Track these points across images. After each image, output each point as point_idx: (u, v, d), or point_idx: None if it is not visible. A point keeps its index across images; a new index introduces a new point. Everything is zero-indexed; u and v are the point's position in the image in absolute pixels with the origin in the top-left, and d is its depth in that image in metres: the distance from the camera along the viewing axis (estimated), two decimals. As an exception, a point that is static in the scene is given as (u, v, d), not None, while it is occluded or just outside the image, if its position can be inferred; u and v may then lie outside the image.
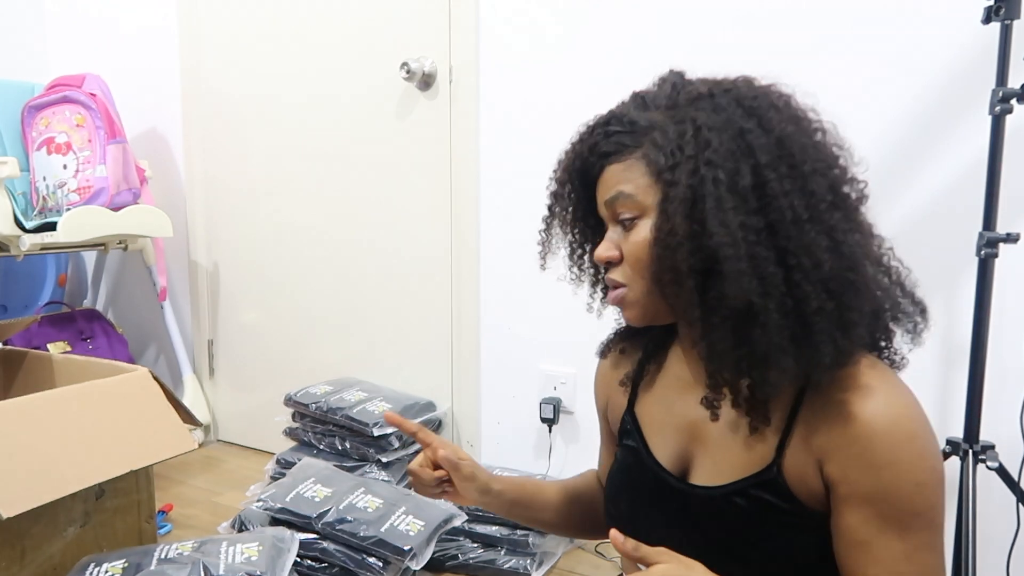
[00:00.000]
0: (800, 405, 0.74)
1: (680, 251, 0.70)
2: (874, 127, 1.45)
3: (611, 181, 0.76)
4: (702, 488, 0.79)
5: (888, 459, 0.69)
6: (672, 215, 0.70)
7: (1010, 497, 1.28)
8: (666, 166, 0.72)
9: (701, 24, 1.58)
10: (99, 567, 1.29)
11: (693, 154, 0.70)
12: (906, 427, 0.69)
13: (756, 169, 0.69)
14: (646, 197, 0.74)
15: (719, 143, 0.69)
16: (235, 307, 2.39)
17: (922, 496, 0.70)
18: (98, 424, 1.37)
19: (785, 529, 0.75)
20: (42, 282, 2.52)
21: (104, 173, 2.04)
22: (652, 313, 0.78)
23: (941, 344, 1.44)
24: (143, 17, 2.43)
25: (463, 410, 1.99)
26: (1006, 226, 1.26)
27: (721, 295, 0.69)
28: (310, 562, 1.49)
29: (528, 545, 1.58)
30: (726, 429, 0.79)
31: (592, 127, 0.79)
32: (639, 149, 0.75)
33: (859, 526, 0.71)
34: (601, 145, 0.77)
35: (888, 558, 0.70)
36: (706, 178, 0.69)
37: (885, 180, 1.45)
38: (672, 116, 0.74)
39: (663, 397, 0.86)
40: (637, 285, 0.76)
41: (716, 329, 0.71)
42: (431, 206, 1.97)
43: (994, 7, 1.19)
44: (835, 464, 0.71)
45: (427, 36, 1.91)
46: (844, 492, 0.71)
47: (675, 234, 0.70)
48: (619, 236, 0.77)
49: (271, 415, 2.08)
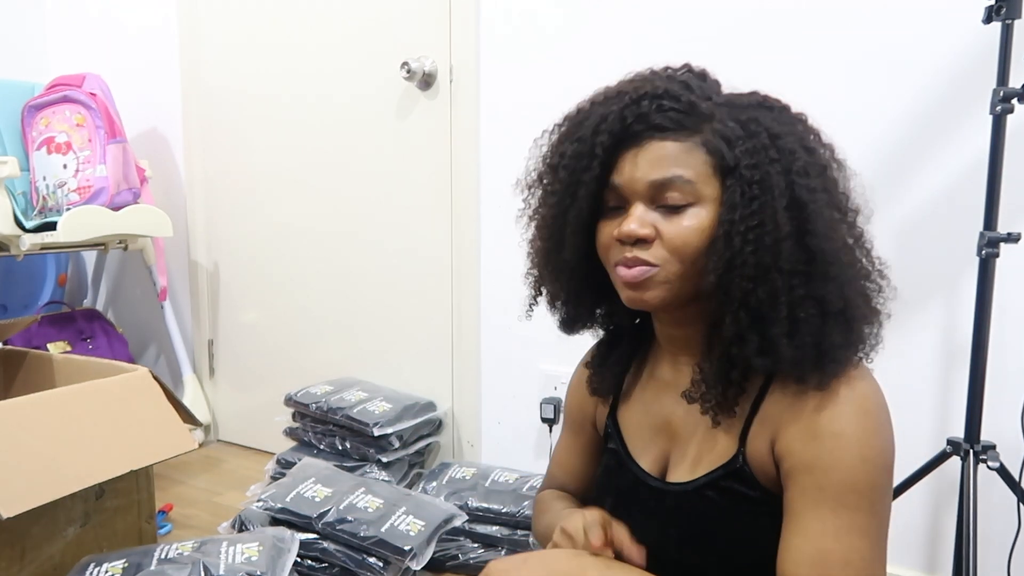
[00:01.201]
0: (764, 395, 0.76)
1: (784, 249, 0.70)
2: (875, 127, 1.45)
3: (664, 160, 0.73)
4: (676, 485, 0.81)
5: (833, 430, 0.70)
6: (771, 213, 0.70)
7: (1011, 497, 1.28)
8: (746, 165, 0.71)
9: (702, 24, 1.58)
10: (99, 567, 1.29)
11: (777, 158, 0.72)
12: (860, 404, 0.70)
13: (822, 180, 0.74)
14: (704, 187, 0.73)
15: (802, 155, 0.72)
16: (235, 307, 2.39)
17: (864, 472, 0.69)
18: (98, 424, 1.37)
19: (757, 518, 0.75)
20: (42, 282, 2.51)
21: (104, 173, 2.04)
22: (672, 298, 0.75)
23: (942, 344, 1.44)
24: (143, 17, 2.43)
25: (463, 410, 1.99)
26: (1007, 226, 1.26)
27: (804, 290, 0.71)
28: (310, 562, 1.49)
29: (528, 545, 1.58)
30: (697, 426, 0.81)
31: (639, 95, 0.74)
32: (698, 135, 0.73)
33: (796, 497, 0.71)
34: (653, 117, 0.73)
35: (816, 532, 0.69)
36: (799, 185, 0.71)
37: (886, 180, 1.45)
38: (731, 114, 0.74)
39: (641, 400, 0.88)
40: (671, 268, 0.74)
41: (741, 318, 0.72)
42: (431, 205, 1.97)
43: (995, 6, 1.19)
44: (783, 439, 0.73)
45: (427, 36, 1.91)
46: (788, 466, 0.72)
47: (779, 230, 0.70)
48: (653, 216, 0.74)
49: (271, 415, 2.08)
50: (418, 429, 1.92)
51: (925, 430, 1.46)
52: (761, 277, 0.70)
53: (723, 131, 0.73)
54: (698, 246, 0.73)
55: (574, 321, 0.89)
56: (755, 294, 0.70)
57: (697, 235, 0.73)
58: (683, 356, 0.83)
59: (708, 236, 0.73)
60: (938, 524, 1.47)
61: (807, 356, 0.71)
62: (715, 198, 0.73)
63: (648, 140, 0.73)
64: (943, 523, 1.47)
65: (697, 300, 0.76)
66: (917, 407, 1.46)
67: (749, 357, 0.72)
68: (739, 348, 0.72)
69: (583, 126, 0.77)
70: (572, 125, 0.79)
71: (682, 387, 0.83)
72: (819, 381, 0.71)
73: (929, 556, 1.49)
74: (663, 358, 0.86)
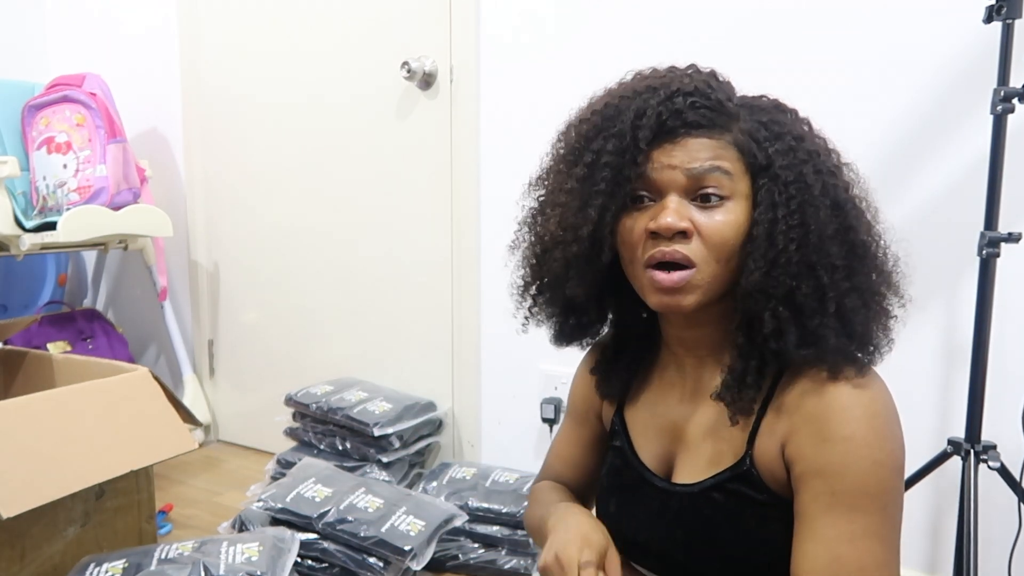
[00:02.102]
0: (771, 398, 0.76)
1: (831, 246, 0.71)
2: (875, 126, 1.45)
3: (703, 153, 0.72)
4: (682, 486, 0.80)
5: (844, 434, 0.69)
6: (813, 211, 0.72)
7: (1012, 497, 1.28)
8: (780, 166, 0.73)
9: (703, 24, 1.58)
10: (99, 567, 1.29)
11: (807, 159, 0.73)
12: (868, 407, 0.70)
13: (846, 179, 0.77)
14: (739, 184, 0.73)
15: (825, 156, 0.75)
16: (235, 307, 2.39)
17: (877, 476, 0.69)
18: (98, 424, 1.37)
19: (762, 521, 0.75)
20: (42, 282, 2.51)
21: (104, 172, 2.04)
22: (706, 301, 0.75)
23: (942, 344, 1.44)
24: (143, 17, 2.43)
25: (464, 410, 1.99)
26: (1008, 225, 1.26)
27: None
28: (311, 562, 1.49)
29: (529, 545, 1.58)
30: (704, 427, 0.80)
31: (672, 92, 0.73)
32: (728, 133, 0.74)
33: (808, 503, 0.71)
34: (687, 113, 0.73)
35: (831, 537, 0.69)
36: (834, 185, 0.73)
37: (886, 179, 1.45)
38: (752, 115, 0.75)
39: (648, 400, 0.88)
40: (708, 268, 0.73)
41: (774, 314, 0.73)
42: (432, 205, 1.97)
43: (995, 6, 1.19)
44: (793, 443, 0.72)
45: (428, 36, 1.91)
46: (799, 470, 0.72)
47: (824, 228, 0.71)
48: (688, 209, 0.73)
49: (271, 415, 2.08)
50: (418, 429, 1.92)
51: (926, 430, 1.45)
52: (805, 274, 0.71)
53: (751, 130, 0.74)
54: (734, 243, 0.73)
55: (576, 329, 0.88)
56: (800, 290, 0.71)
57: (734, 231, 0.73)
58: (690, 358, 0.83)
59: (743, 233, 0.73)
60: (939, 524, 1.47)
61: (850, 345, 0.72)
62: (747, 195, 0.74)
63: (683, 136, 0.73)
64: (944, 523, 1.47)
65: (719, 301, 0.76)
66: (918, 407, 1.46)
67: (788, 350, 0.72)
68: (778, 342, 0.72)
69: (618, 120, 0.75)
70: (603, 120, 0.76)
71: (689, 390, 0.83)
72: (844, 381, 0.71)
73: (930, 556, 1.49)
74: (670, 359, 0.86)
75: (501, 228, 1.88)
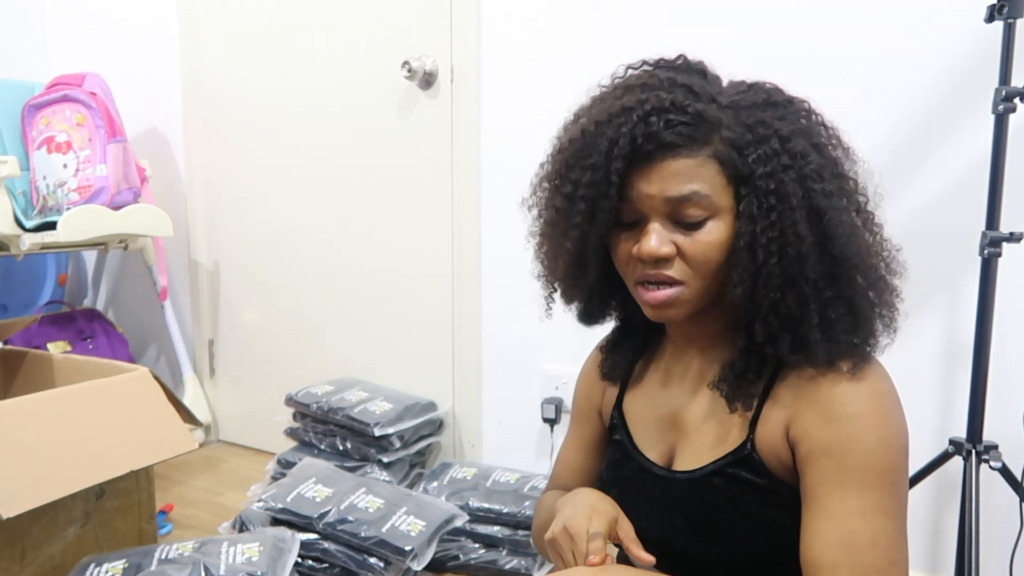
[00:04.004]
0: (773, 384, 0.76)
1: (808, 258, 0.71)
2: (877, 126, 1.44)
3: (679, 177, 0.72)
4: (682, 473, 0.81)
5: (849, 412, 0.70)
6: (791, 224, 0.70)
7: (1013, 497, 1.28)
8: (760, 175, 0.71)
9: (703, 24, 1.58)
10: (99, 567, 1.29)
11: (790, 164, 0.71)
12: (873, 387, 0.72)
13: (836, 181, 0.74)
14: (720, 199, 0.73)
15: (814, 157, 0.72)
16: (235, 307, 2.38)
17: (883, 452, 0.69)
18: (98, 424, 1.37)
19: (762, 507, 0.76)
20: (42, 282, 2.51)
21: (104, 172, 2.04)
22: (695, 311, 0.77)
23: (944, 344, 1.44)
24: (143, 17, 2.43)
25: (464, 410, 1.99)
26: (1009, 225, 1.26)
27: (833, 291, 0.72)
28: (311, 562, 1.49)
29: (530, 545, 1.58)
30: (704, 415, 0.81)
31: (646, 112, 0.71)
32: (708, 146, 0.72)
33: (817, 482, 0.71)
34: (663, 135, 0.71)
35: (842, 512, 0.69)
36: (815, 191, 0.71)
37: (888, 179, 1.43)
38: (737, 118, 0.73)
39: (649, 392, 0.89)
40: (695, 284, 0.75)
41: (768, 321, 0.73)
42: (432, 204, 1.97)
43: (997, 6, 1.19)
44: (798, 425, 0.73)
45: (428, 35, 1.91)
46: (805, 451, 0.72)
47: (802, 242, 0.70)
48: (672, 232, 0.74)
49: (272, 415, 2.07)
50: (419, 429, 1.92)
51: (927, 430, 1.45)
52: (788, 286, 0.71)
53: (732, 139, 0.72)
54: (719, 260, 0.74)
55: (590, 316, 0.91)
56: (784, 302, 0.72)
57: (717, 250, 0.73)
58: (692, 349, 0.84)
59: (727, 248, 0.73)
60: (940, 524, 1.47)
61: (841, 349, 0.73)
62: (730, 208, 0.73)
63: (660, 159, 0.72)
64: (945, 523, 1.47)
65: (716, 305, 0.78)
66: (919, 407, 1.46)
67: (783, 355, 0.73)
68: (773, 348, 0.73)
69: (593, 151, 0.74)
70: (580, 149, 0.76)
71: (690, 380, 0.84)
72: (846, 367, 0.73)
73: (931, 556, 1.49)
74: (672, 350, 0.87)
75: (502, 228, 1.87)
